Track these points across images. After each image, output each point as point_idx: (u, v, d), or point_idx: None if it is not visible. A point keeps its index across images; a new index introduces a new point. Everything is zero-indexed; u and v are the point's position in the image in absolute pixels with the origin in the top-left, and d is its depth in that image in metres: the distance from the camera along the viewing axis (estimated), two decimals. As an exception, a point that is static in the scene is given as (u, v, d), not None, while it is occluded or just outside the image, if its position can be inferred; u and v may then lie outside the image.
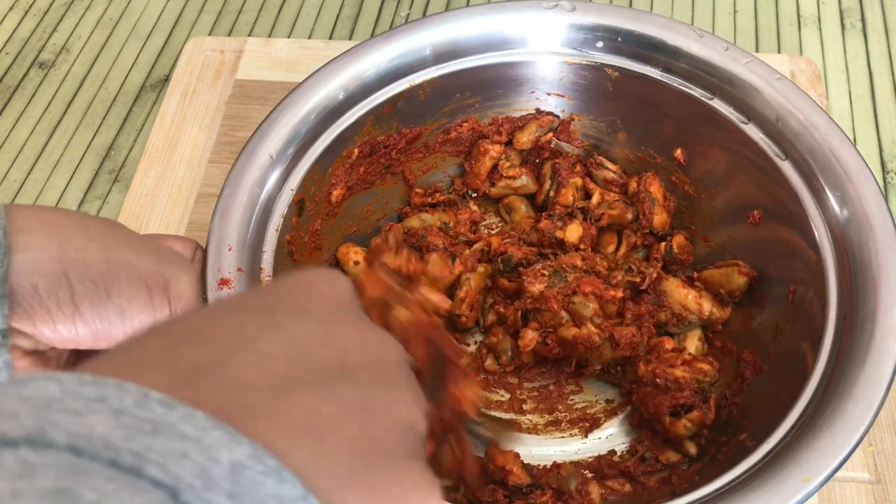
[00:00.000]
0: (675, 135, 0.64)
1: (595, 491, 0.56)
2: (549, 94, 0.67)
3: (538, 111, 0.68)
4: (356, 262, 0.63)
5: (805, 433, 0.46)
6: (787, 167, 0.57)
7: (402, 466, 0.25)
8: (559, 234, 0.62)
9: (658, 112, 0.64)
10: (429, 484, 0.26)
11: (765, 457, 0.47)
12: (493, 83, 0.66)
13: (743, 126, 0.59)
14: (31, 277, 0.35)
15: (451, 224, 0.66)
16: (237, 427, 0.20)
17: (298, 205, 0.60)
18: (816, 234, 0.54)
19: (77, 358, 0.41)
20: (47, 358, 0.39)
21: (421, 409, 0.28)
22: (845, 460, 0.44)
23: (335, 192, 0.63)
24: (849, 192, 0.54)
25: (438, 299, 0.38)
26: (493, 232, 0.69)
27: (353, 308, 0.30)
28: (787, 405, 0.49)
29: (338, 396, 0.25)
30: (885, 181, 0.76)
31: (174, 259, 0.40)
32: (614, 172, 0.67)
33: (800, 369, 0.51)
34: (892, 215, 0.52)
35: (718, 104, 0.61)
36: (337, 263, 0.64)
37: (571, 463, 0.58)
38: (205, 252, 0.52)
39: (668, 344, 0.59)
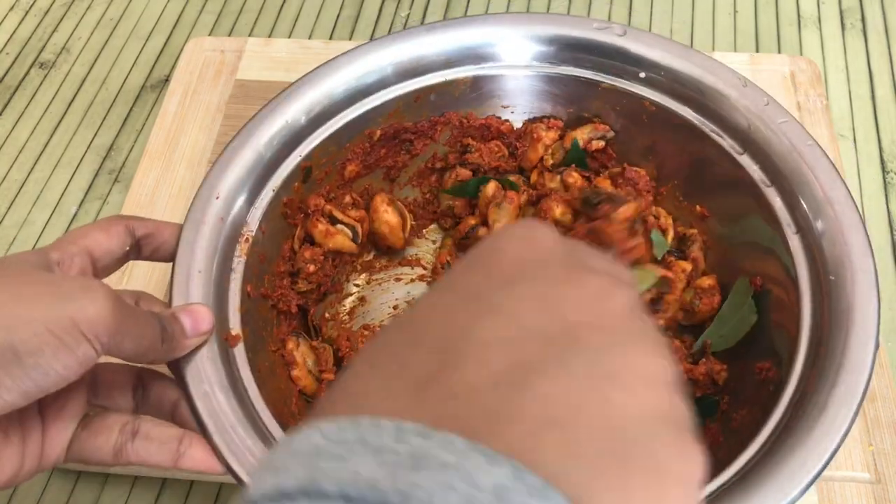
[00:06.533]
0: (700, 186, 0.63)
1: None
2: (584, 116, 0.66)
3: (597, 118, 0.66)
4: (388, 222, 0.64)
5: (768, 458, 0.46)
6: (795, 241, 0.55)
7: (659, 440, 0.22)
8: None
9: (688, 157, 0.62)
10: (694, 456, 0.23)
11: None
12: (532, 94, 0.66)
13: (765, 188, 0.57)
14: None
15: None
16: (485, 440, 0.20)
17: (304, 172, 0.60)
18: (804, 309, 0.52)
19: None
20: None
21: (668, 355, 0.25)
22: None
23: (349, 168, 0.63)
24: (845, 279, 0.51)
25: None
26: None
27: (559, 258, 0.26)
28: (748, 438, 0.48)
29: (571, 371, 0.22)
30: (885, 181, 0.76)
31: (74, 290, 0.38)
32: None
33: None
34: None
35: (746, 161, 0.58)
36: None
37: None
38: (194, 200, 0.54)
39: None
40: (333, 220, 0.62)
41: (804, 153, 0.56)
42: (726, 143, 0.59)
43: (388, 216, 0.64)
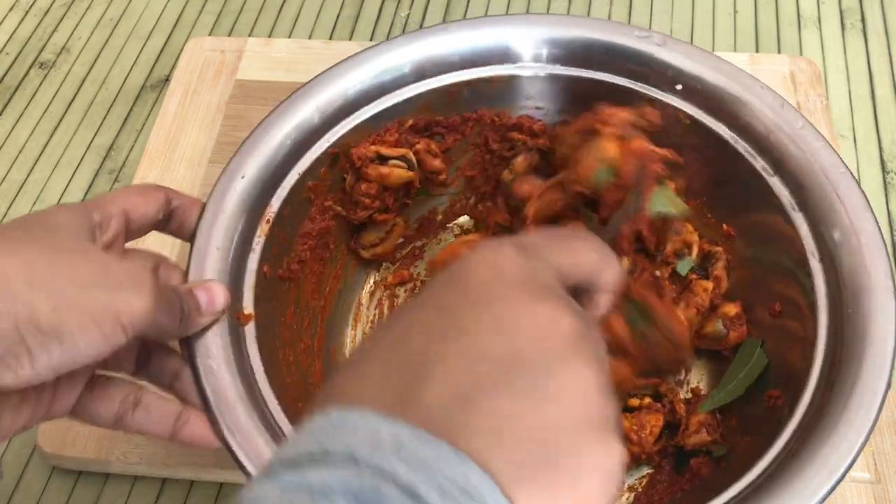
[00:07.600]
0: (729, 205, 0.62)
1: None
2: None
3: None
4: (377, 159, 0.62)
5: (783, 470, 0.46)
6: (818, 269, 0.53)
7: (584, 439, 0.28)
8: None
9: (718, 174, 0.61)
10: (612, 449, 0.28)
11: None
12: (565, 97, 0.65)
13: (793, 213, 0.55)
14: None
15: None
16: (452, 442, 0.26)
17: (332, 158, 0.60)
18: (820, 329, 0.52)
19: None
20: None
21: (602, 370, 0.30)
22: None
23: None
24: (862, 313, 0.50)
25: None
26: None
27: (519, 282, 0.31)
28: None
29: (513, 391, 0.28)
30: (885, 181, 0.76)
31: (124, 280, 0.40)
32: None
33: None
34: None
35: (777, 184, 0.57)
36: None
37: None
38: (220, 177, 0.55)
39: None
40: (383, 159, 0.61)
41: (836, 181, 0.54)
42: (758, 163, 0.57)
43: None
